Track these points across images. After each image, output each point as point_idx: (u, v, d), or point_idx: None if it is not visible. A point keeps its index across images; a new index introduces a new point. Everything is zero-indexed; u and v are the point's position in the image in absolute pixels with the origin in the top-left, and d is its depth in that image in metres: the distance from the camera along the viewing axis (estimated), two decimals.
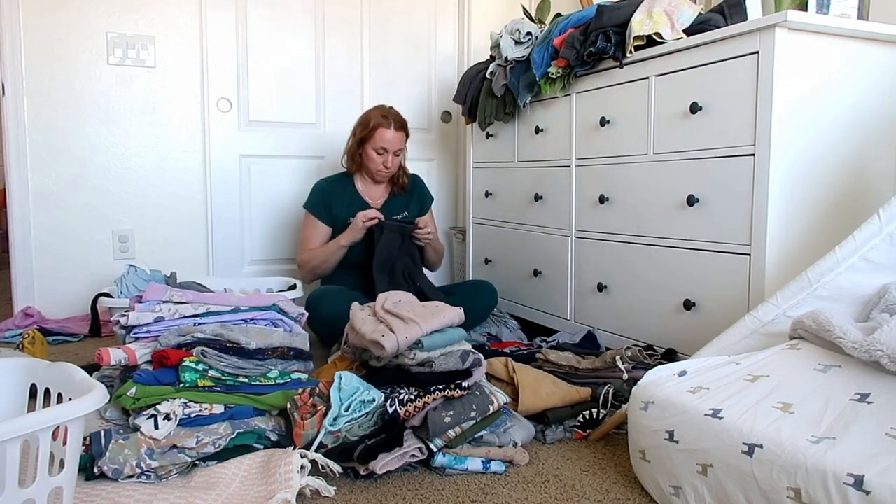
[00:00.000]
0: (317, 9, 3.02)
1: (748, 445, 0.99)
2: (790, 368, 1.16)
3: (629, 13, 1.90)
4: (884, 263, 1.33)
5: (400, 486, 1.26)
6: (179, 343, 1.45)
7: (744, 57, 1.59)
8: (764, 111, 1.54)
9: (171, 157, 2.86)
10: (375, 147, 2.36)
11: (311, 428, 1.30)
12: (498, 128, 2.66)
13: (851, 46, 1.62)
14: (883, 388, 1.03)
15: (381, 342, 1.36)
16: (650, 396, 1.20)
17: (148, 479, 1.24)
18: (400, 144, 2.38)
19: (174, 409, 1.33)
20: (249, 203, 2.98)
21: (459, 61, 3.29)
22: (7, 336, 2.39)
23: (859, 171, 1.67)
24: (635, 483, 1.27)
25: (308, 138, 3.05)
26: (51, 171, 2.68)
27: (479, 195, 2.85)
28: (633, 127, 1.95)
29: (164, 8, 2.78)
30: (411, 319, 1.40)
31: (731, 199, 1.64)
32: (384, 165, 2.38)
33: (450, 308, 1.48)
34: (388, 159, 2.38)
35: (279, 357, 1.53)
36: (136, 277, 2.35)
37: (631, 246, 1.98)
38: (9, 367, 1.13)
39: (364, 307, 1.58)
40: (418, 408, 1.29)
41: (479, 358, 1.42)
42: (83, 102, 2.70)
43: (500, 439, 1.36)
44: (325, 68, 3.06)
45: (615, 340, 2.03)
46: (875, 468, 0.85)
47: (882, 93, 1.68)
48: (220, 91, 2.88)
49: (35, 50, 2.61)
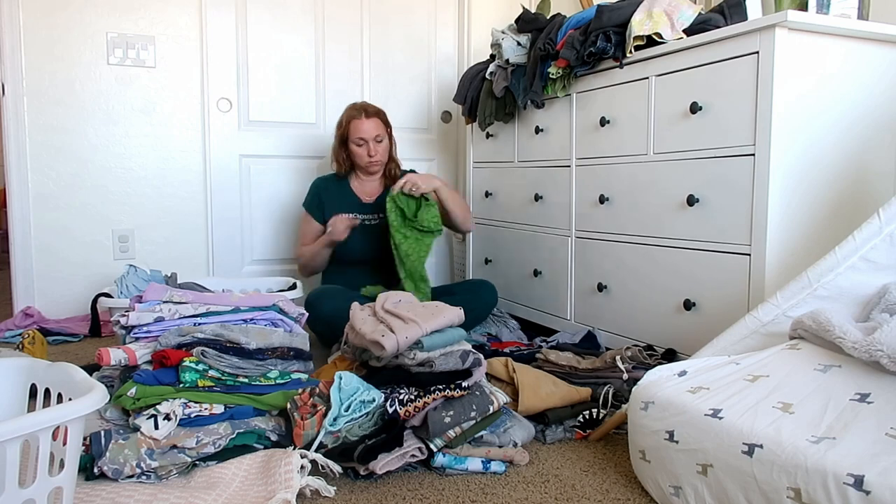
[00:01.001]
0: (317, 9, 3.02)
1: (748, 445, 0.99)
2: (790, 368, 1.16)
3: (629, 13, 1.90)
4: (884, 263, 1.33)
5: (400, 486, 1.26)
6: (179, 343, 1.45)
7: (744, 57, 1.59)
8: (764, 111, 1.54)
9: (171, 157, 2.86)
10: (354, 140, 2.40)
11: (311, 428, 1.30)
12: (498, 128, 2.66)
13: (851, 46, 1.62)
14: (883, 388, 1.03)
15: (381, 342, 1.35)
16: (650, 396, 1.20)
17: (148, 479, 1.24)
18: (377, 131, 2.39)
19: (174, 409, 1.33)
20: (249, 203, 2.98)
21: (459, 61, 3.29)
22: (7, 336, 2.39)
23: (859, 171, 1.67)
24: (635, 483, 1.27)
25: (308, 138, 3.05)
26: (51, 171, 2.68)
27: (479, 195, 2.85)
28: (633, 127, 1.95)
29: (164, 8, 2.78)
30: (411, 319, 1.40)
31: (731, 199, 1.64)
32: (368, 155, 2.40)
33: (450, 308, 1.48)
34: (370, 148, 2.39)
35: (279, 357, 1.53)
36: (136, 277, 2.35)
37: (631, 246, 1.98)
38: (9, 367, 1.13)
39: (364, 307, 1.58)
40: (418, 408, 1.29)
41: (478, 358, 1.41)
42: (83, 102, 2.70)
43: (500, 439, 1.36)
44: (325, 68, 3.06)
45: (615, 340, 2.03)
46: (875, 468, 0.85)
47: (882, 93, 1.68)
48: (220, 91, 2.88)
49: (35, 50, 2.61)
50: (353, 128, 2.38)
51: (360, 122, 2.38)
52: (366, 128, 2.38)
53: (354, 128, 2.38)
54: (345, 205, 2.43)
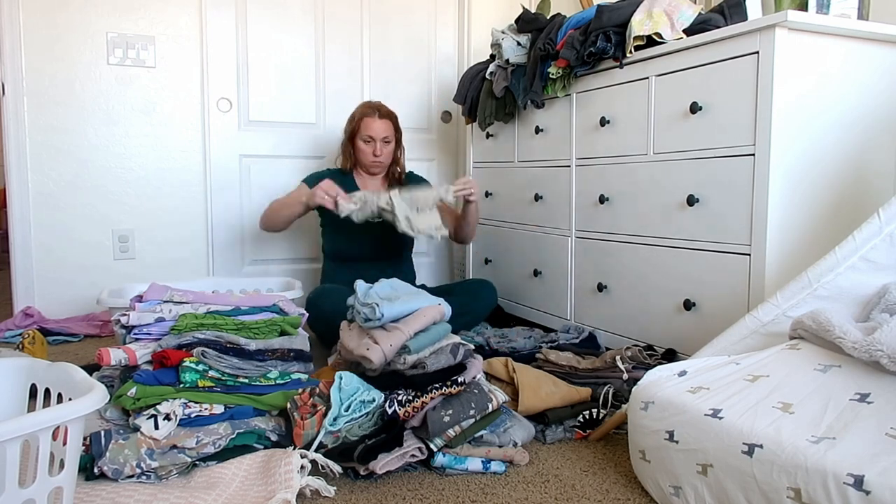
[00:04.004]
0: (317, 9, 3.02)
1: (748, 445, 0.99)
2: (790, 368, 1.16)
3: (629, 13, 1.90)
4: (884, 263, 1.33)
5: (400, 486, 1.26)
6: (179, 343, 1.45)
7: (744, 57, 1.59)
8: (764, 111, 1.54)
9: (171, 157, 2.86)
10: (363, 137, 2.42)
11: (311, 428, 1.30)
12: (498, 128, 2.66)
13: (851, 46, 1.62)
14: (883, 388, 1.03)
15: (367, 356, 1.37)
16: (650, 396, 1.20)
17: (148, 479, 1.24)
18: (386, 132, 2.42)
19: (174, 409, 1.33)
20: (249, 203, 2.98)
21: (459, 61, 3.29)
22: (7, 336, 2.39)
23: (859, 171, 1.67)
24: (635, 483, 1.27)
25: (308, 138, 3.05)
26: (51, 172, 2.68)
27: (479, 195, 2.84)
28: (633, 127, 1.95)
29: (164, 8, 2.78)
30: (393, 326, 1.41)
31: (730, 198, 1.64)
32: (374, 154, 2.43)
33: (429, 307, 1.48)
34: (376, 148, 2.42)
35: (279, 358, 1.53)
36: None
37: (631, 246, 1.98)
38: (9, 367, 1.13)
39: (352, 323, 1.58)
40: (417, 408, 1.29)
41: (469, 349, 1.44)
42: (83, 102, 2.70)
43: (500, 439, 1.37)
44: (325, 68, 3.06)
45: (615, 340, 2.03)
46: (875, 468, 0.85)
47: (882, 93, 1.68)
48: (220, 91, 2.88)
49: (35, 50, 2.61)
50: (364, 124, 2.41)
51: (371, 121, 2.41)
52: (376, 127, 2.41)
53: (365, 125, 2.41)
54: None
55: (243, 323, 1.54)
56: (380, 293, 1.53)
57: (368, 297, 1.50)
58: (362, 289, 1.55)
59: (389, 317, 1.43)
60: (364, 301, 1.49)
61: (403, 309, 1.45)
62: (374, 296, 1.50)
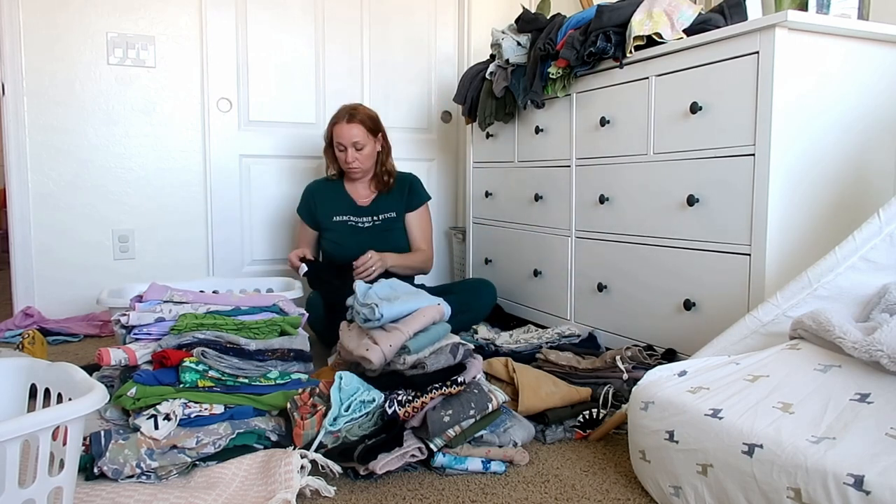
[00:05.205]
0: (317, 9, 3.02)
1: (748, 445, 0.99)
2: (790, 368, 1.16)
3: (629, 13, 1.90)
4: (884, 263, 1.33)
5: (400, 486, 1.26)
6: (179, 343, 1.45)
7: (744, 57, 1.59)
8: (764, 111, 1.54)
9: (171, 157, 2.86)
10: (335, 145, 2.37)
11: (311, 428, 1.30)
12: (498, 128, 2.66)
13: (851, 46, 1.62)
14: (883, 388, 1.03)
15: (366, 356, 1.37)
16: (650, 396, 1.20)
17: (148, 479, 1.24)
18: (356, 137, 2.32)
19: (174, 409, 1.33)
20: (249, 203, 2.98)
21: (459, 61, 3.29)
22: (7, 336, 2.39)
23: (859, 171, 1.67)
24: (635, 483, 1.27)
25: (308, 138, 3.05)
26: (51, 172, 2.68)
27: (478, 195, 2.85)
28: (633, 127, 1.95)
29: (164, 8, 2.78)
30: (392, 327, 1.41)
31: (730, 199, 1.64)
32: (346, 161, 2.36)
33: (428, 307, 1.48)
34: (348, 154, 2.34)
35: (279, 358, 1.53)
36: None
37: (631, 246, 1.98)
38: (9, 367, 1.13)
39: (351, 323, 1.58)
40: (417, 408, 1.29)
41: (469, 349, 1.44)
42: (83, 102, 2.70)
43: (500, 439, 1.37)
44: (325, 68, 3.06)
45: (615, 340, 2.03)
46: (875, 468, 0.85)
47: (882, 93, 1.68)
48: (220, 91, 2.88)
49: (35, 50, 2.61)
50: (335, 132, 2.35)
51: (340, 127, 2.33)
52: (345, 133, 2.32)
53: (336, 132, 2.35)
54: (339, 206, 2.42)
55: (243, 323, 1.54)
56: (379, 293, 1.53)
57: (368, 297, 1.50)
58: (362, 289, 1.55)
59: (389, 317, 1.43)
60: (363, 301, 1.49)
61: (403, 309, 1.45)
62: (373, 296, 1.50)
